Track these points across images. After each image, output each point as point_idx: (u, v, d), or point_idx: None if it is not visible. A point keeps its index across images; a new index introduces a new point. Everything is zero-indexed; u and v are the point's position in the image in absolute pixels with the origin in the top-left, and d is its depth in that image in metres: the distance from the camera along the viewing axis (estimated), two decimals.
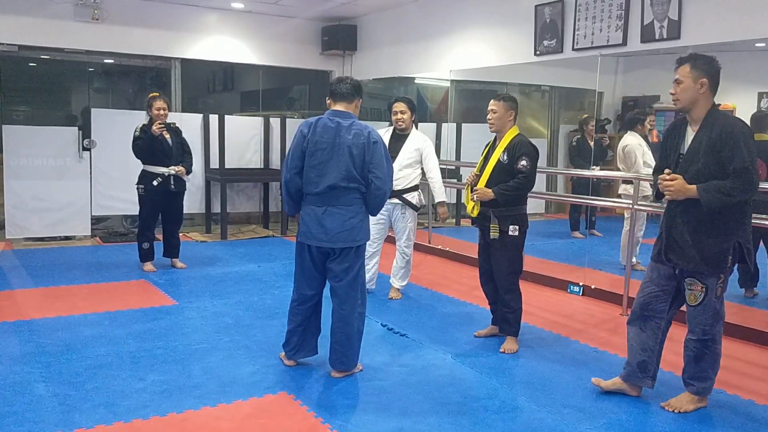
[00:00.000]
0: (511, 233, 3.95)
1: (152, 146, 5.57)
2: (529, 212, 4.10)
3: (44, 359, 3.68)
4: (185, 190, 5.95)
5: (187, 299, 5.02)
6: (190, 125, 7.40)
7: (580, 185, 7.22)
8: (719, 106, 3.11)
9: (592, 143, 6.81)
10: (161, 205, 5.80)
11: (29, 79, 8.15)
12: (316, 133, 3.43)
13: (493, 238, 3.99)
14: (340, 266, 3.49)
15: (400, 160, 4.97)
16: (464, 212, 7.91)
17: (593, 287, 5.38)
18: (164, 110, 5.64)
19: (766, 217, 4.19)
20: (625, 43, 5.21)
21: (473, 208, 4.08)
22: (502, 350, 4.00)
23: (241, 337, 4.18)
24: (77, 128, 7.27)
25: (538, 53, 5.99)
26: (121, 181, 6.92)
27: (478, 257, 4.28)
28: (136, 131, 5.63)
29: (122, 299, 4.95)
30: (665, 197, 3.13)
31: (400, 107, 5.06)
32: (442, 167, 5.25)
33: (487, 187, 3.98)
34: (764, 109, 5.49)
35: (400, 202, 5.05)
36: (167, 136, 5.68)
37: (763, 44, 4.64)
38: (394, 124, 5.11)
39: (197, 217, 8.32)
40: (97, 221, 7.72)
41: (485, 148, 4.19)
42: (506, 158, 3.96)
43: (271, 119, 8.48)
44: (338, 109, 3.50)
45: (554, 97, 8.58)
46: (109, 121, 7.35)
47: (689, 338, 3.18)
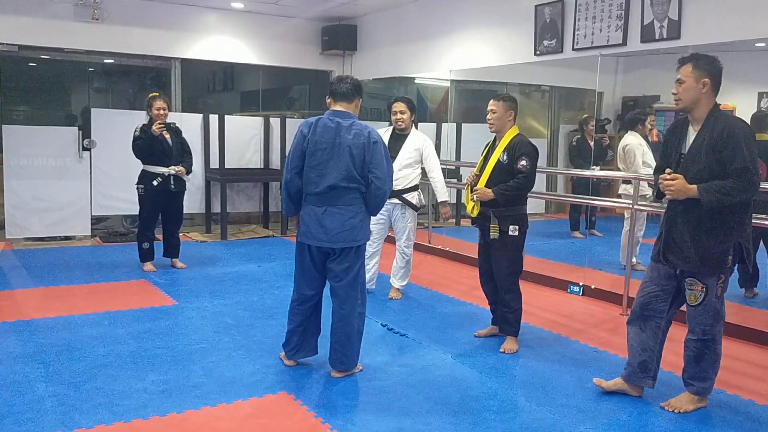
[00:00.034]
0: (511, 233, 3.95)
1: (152, 146, 5.58)
2: (529, 212, 4.11)
3: (44, 359, 3.68)
4: (185, 190, 5.95)
5: (187, 299, 5.02)
6: (190, 125, 7.40)
7: (580, 185, 7.22)
8: (719, 106, 3.11)
9: (592, 143, 6.82)
10: (161, 205, 5.80)
11: (29, 79, 8.15)
12: (316, 133, 3.43)
13: (493, 238, 3.99)
14: (340, 266, 3.49)
15: (399, 160, 4.97)
16: (464, 212, 7.91)
17: (593, 287, 5.38)
18: (164, 110, 5.64)
19: (766, 217, 4.20)
20: (625, 43, 5.21)
21: (473, 208, 4.08)
22: (502, 350, 4.01)
23: (241, 337, 4.18)
24: (77, 128, 7.27)
25: (538, 53, 5.99)
26: (121, 181, 6.92)
27: (478, 257, 4.29)
28: (136, 131, 5.64)
29: (122, 299, 4.95)
30: (666, 197, 3.14)
31: (399, 107, 5.06)
32: (442, 167, 5.24)
33: (487, 187, 3.98)
34: (764, 109, 5.49)
35: (399, 202, 5.05)
36: (167, 136, 5.68)
37: (763, 44, 4.64)
38: (393, 124, 5.11)
39: (197, 217, 8.32)
40: (97, 221, 7.72)
41: (485, 148, 4.19)
42: (506, 158, 3.96)
43: (271, 119, 8.48)
44: (338, 109, 3.50)
45: (554, 97, 8.57)
46: (109, 121, 7.35)
47: (689, 338, 3.18)
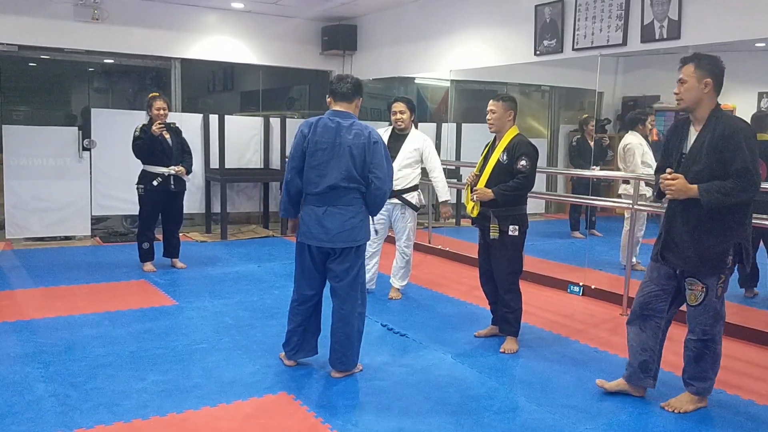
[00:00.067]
0: (511, 233, 3.95)
1: (152, 146, 5.58)
2: (529, 212, 4.11)
3: (44, 359, 3.68)
4: (185, 190, 5.95)
5: (187, 299, 5.02)
6: (190, 125, 7.40)
7: (580, 185, 7.22)
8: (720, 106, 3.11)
9: (592, 143, 6.82)
10: (161, 205, 5.80)
11: (29, 79, 8.15)
12: (316, 133, 3.43)
13: (493, 238, 3.99)
14: (340, 266, 3.49)
15: (399, 160, 4.97)
16: (464, 212, 7.91)
17: (593, 287, 5.38)
18: (164, 110, 5.64)
19: (766, 217, 4.19)
20: (625, 43, 5.21)
21: (473, 208, 4.08)
22: (502, 350, 4.01)
23: (241, 337, 4.18)
24: (77, 128, 7.27)
25: (538, 53, 5.99)
26: (121, 181, 6.92)
27: (478, 257, 4.28)
28: (136, 131, 5.64)
29: (122, 299, 4.95)
30: (666, 196, 3.13)
31: (399, 107, 5.06)
32: (441, 167, 5.23)
33: (486, 187, 3.98)
34: (764, 109, 5.49)
35: (399, 202, 5.05)
36: (167, 136, 5.68)
37: (763, 44, 4.64)
38: (393, 123, 5.11)
39: (197, 217, 8.32)
40: (97, 221, 7.72)
41: (485, 148, 4.19)
42: (506, 158, 3.96)
43: (271, 119, 8.48)
44: (338, 108, 3.50)
45: (554, 97, 8.57)
46: (109, 121, 7.35)
47: (689, 338, 3.18)
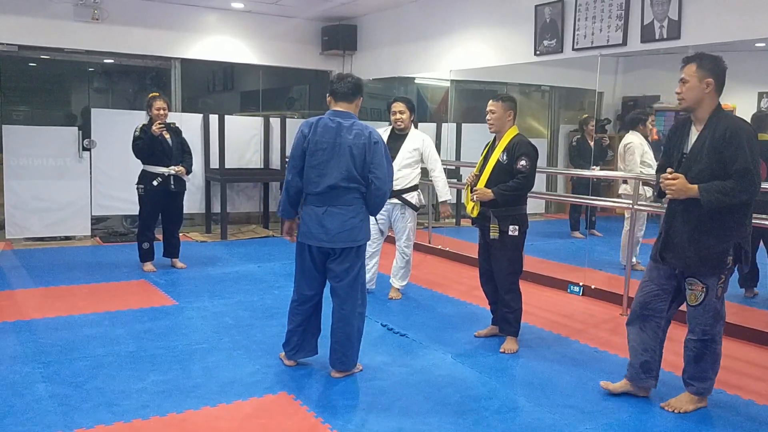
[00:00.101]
0: (511, 233, 3.95)
1: (152, 146, 5.58)
2: (529, 212, 4.11)
3: (44, 359, 3.68)
4: (185, 190, 5.95)
5: (187, 299, 5.02)
6: (190, 125, 7.40)
7: (580, 185, 7.22)
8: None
9: (592, 143, 6.82)
10: (161, 205, 5.80)
11: (29, 79, 8.15)
12: (316, 132, 3.43)
13: (493, 238, 3.99)
14: (340, 266, 3.49)
15: (399, 160, 4.96)
16: (464, 212, 7.91)
17: (593, 287, 5.38)
18: (164, 110, 5.64)
19: (766, 217, 4.19)
20: (625, 43, 5.20)
21: (473, 208, 4.08)
22: (502, 350, 4.01)
23: (241, 337, 4.18)
24: (77, 128, 7.27)
25: (538, 53, 5.99)
26: (121, 181, 6.92)
27: (478, 257, 4.28)
28: (136, 131, 5.64)
29: (122, 299, 4.95)
30: (666, 196, 3.13)
31: (398, 107, 5.06)
32: (442, 166, 5.23)
33: (486, 187, 3.98)
34: (764, 109, 5.49)
35: (399, 202, 5.05)
36: (167, 136, 5.68)
37: (763, 44, 4.64)
38: (393, 123, 5.11)
39: (197, 217, 8.32)
40: (97, 221, 7.72)
41: (485, 148, 4.19)
42: (506, 158, 3.96)
43: (271, 119, 8.48)
44: (339, 108, 3.51)
45: (554, 97, 8.57)
46: (109, 121, 7.35)
47: (689, 338, 3.18)
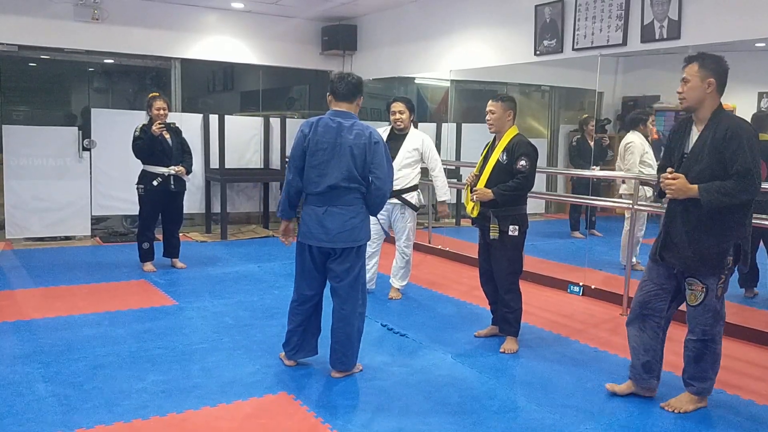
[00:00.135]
0: (511, 233, 3.95)
1: (152, 146, 5.58)
2: (529, 212, 4.10)
3: (44, 359, 3.68)
4: (185, 190, 5.95)
5: (187, 299, 5.02)
6: (190, 125, 7.40)
7: (580, 185, 7.22)
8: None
9: (592, 143, 6.81)
10: (161, 205, 5.80)
11: (29, 79, 8.14)
12: (317, 132, 3.43)
13: (493, 238, 3.98)
14: (341, 266, 3.49)
15: (398, 160, 4.96)
16: (464, 212, 7.91)
17: (593, 287, 5.38)
18: (164, 110, 5.64)
19: (766, 217, 4.19)
20: (625, 43, 5.20)
21: (473, 208, 4.08)
22: (502, 350, 4.01)
23: (241, 337, 4.18)
24: (77, 128, 7.27)
25: (538, 53, 5.99)
26: (121, 181, 6.92)
27: (478, 257, 4.28)
28: (136, 131, 5.64)
29: (122, 299, 4.95)
30: (666, 196, 3.13)
31: (398, 107, 5.06)
32: (442, 166, 5.23)
33: (486, 187, 3.98)
34: (764, 109, 5.49)
35: (399, 202, 5.05)
36: (167, 136, 5.68)
37: (763, 44, 4.64)
38: (392, 123, 5.11)
39: (197, 217, 8.32)
40: (97, 221, 7.72)
41: (485, 148, 4.19)
42: (505, 158, 3.96)
43: (271, 119, 8.48)
44: (339, 108, 3.50)
45: (554, 97, 8.57)
46: (109, 121, 7.35)
47: (689, 338, 3.18)
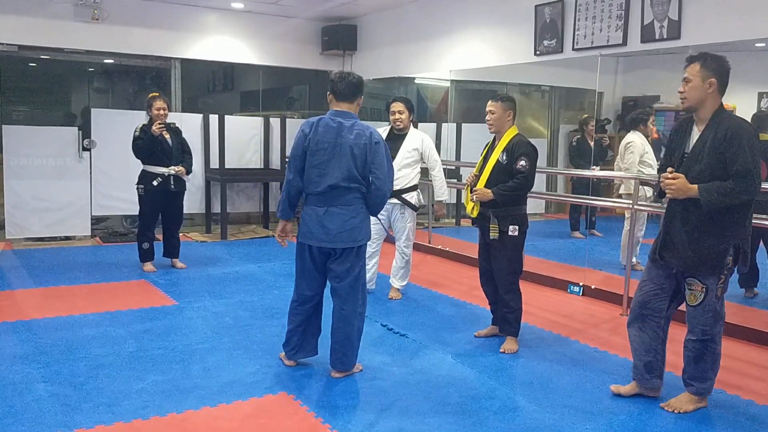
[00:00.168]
0: (510, 233, 3.95)
1: (152, 146, 5.58)
2: (529, 212, 4.11)
3: (44, 359, 3.68)
4: (185, 190, 5.95)
5: (187, 299, 5.02)
6: (190, 125, 7.40)
7: (580, 185, 7.22)
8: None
9: (592, 143, 6.82)
10: (161, 205, 5.80)
11: (29, 79, 8.14)
12: (317, 132, 3.43)
13: (493, 238, 3.98)
14: (341, 267, 3.49)
15: (398, 160, 4.96)
16: (464, 212, 7.91)
17: (593, 287, 5.38)
18: (164, 110, 5.64)
19: (766, 217, 4.19)
20: (625, 43, 5.20)
21: (473, 208, 4.08)
22: (502, 350, 4.01)
23: (241, 337, 4.18)
24: (77, 128, 7.28)
25: (538, 53, 5.99)
26: (121, 181, 6.92)
27: (478, 257, 4.28)
28: (136, 131, 5.64)
29: (122, 299, 4.95)
30: (666, 196, 3.13)
31: (398, 107, 5.06)
32: (442, 166, 5.23)
33: (486, 187, 3.98)
34: (764, 109, 5.49)
35: (399, 202, 5.05)
36: (167, 136, 5.68)
37: (763, 44, 4.64)
38: (392, 123, 5.11)
39: (197, 217, 8.32)
40: (97, 221, 7.72)
41: (484, 148, 4.19)
42: (505, 158, 3.96)
43: (271, 119, 8.48)
44: (340, 108, 3.50)
45: (554, 97, 8.57)
46: (109, 121, 7.35)
47: (689, 338, 3.18)
